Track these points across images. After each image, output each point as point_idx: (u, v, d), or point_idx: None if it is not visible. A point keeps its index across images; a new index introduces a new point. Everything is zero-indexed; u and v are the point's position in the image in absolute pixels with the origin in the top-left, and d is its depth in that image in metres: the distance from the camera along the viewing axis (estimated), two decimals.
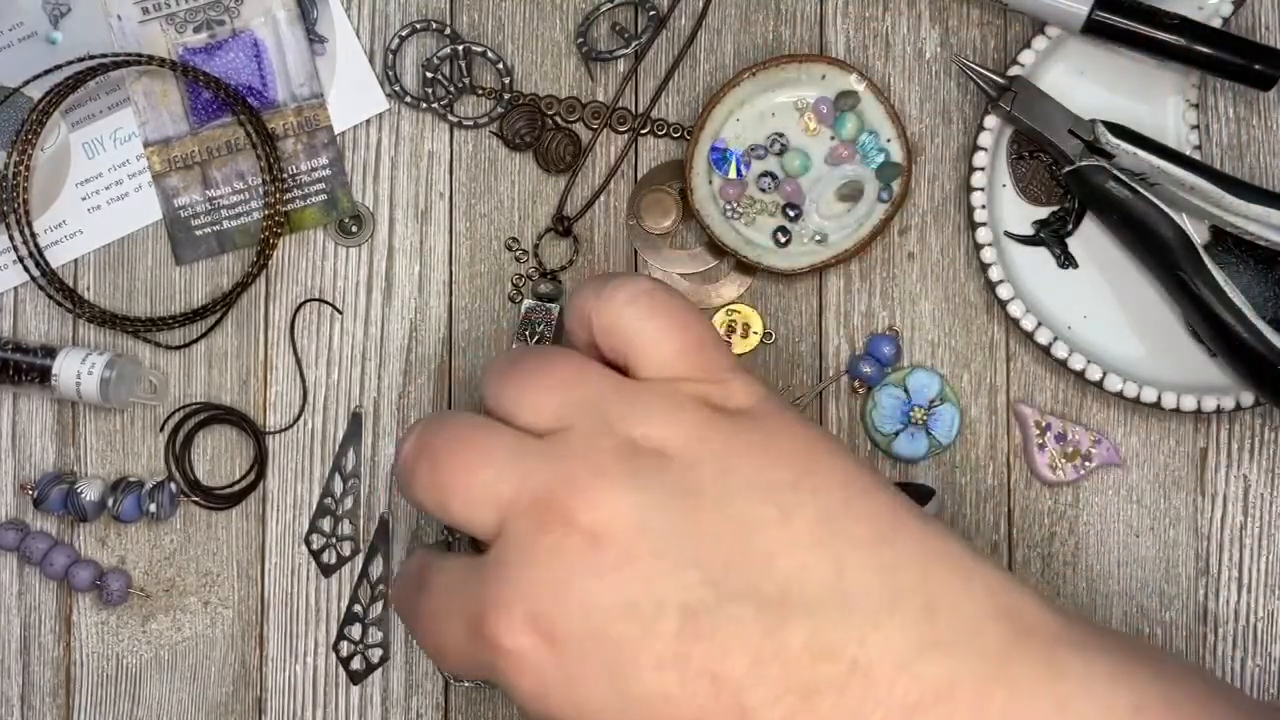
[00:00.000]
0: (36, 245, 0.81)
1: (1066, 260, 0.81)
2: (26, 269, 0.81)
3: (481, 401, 0.61)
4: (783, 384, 0.82)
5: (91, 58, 0.81)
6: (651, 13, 0.82)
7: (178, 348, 0.83)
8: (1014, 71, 0.80)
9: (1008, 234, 0.81)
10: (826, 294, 0.83)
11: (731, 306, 0.82)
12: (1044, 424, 0.81)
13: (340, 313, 0.83)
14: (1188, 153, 0.80)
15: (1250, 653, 0.82)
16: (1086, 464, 0.81)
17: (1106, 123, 0.77)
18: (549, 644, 0.54)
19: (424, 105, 0.82)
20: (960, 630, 0.54)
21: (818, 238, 0.82)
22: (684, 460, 0.56)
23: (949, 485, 0.82)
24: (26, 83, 0.81)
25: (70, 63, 0.81)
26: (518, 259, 0.83)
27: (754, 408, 0.59)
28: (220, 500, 0.82)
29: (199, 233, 0.83)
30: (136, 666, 0.82)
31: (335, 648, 0.82)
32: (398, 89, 0.82)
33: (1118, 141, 0.77)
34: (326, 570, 0.82)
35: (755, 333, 0.82)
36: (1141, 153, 0.77)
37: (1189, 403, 0.79)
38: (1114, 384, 0.79)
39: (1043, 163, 0.82)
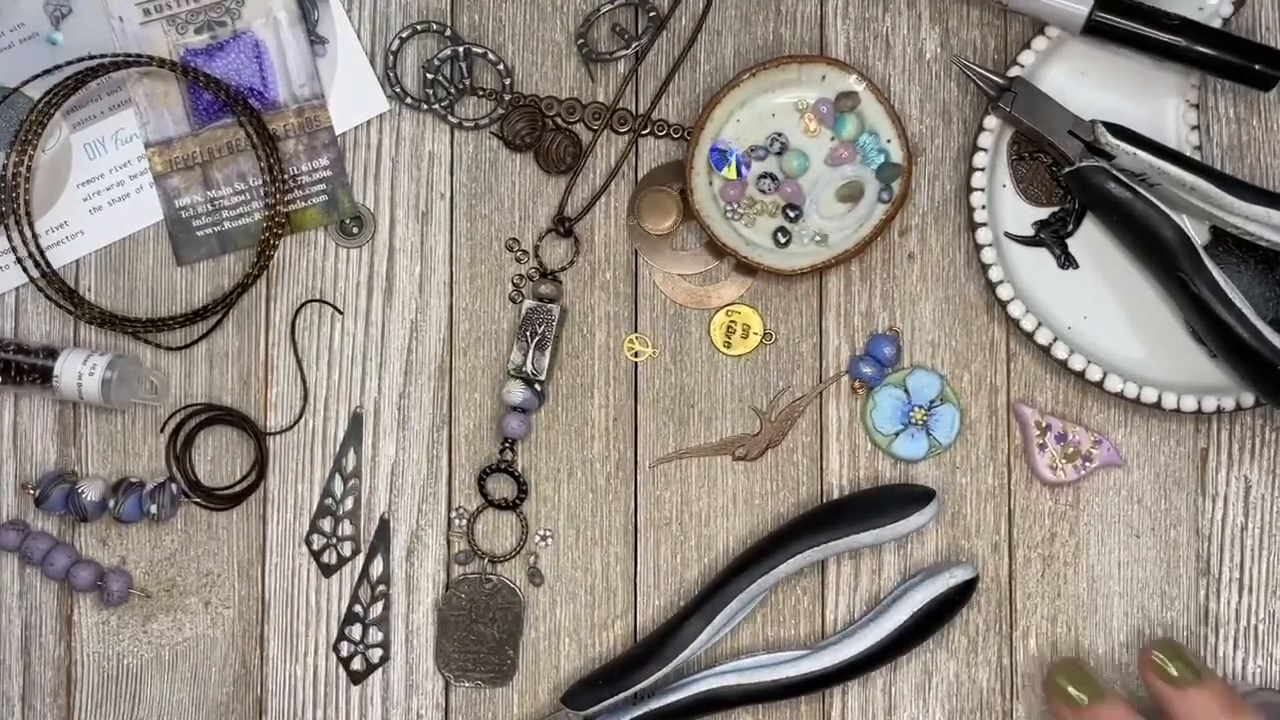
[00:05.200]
0: (38, 246, 0.82)
1: (1067, 261, 0.81)
2: (27, 270, 0.82)
3: None
4: (783, 384, 0.82)
5: (93, 58, 0.81)
6: (651, 14, 0.82)
7: (179, 348, 0.83)
8: (1014, 72, 0.80)
9: (1008, 235, 0.81)
10: (827, 294, 0.83)
11: (732, 307, 0.82)
12: (1044, 424, 0.81)
13: (341, 313, 0.83)
14: (1188, 153, 0.80)
15: (1251, 654, 0.81)
16: (1087, 464, 0.81)
17: (1106, 123, 0.77)
18: None
19: (425, 106, 0.83)
20: None
21: (818, 238, 0.82)
22: None
23: (949, 486, 0.82)
24: (26, 82, 0.81)
25: (71, 63, 0.81)
26: (518, 259, 0.83)
27: None
28: (221, 501, 0.82)
29: (200, 233, 0.83)
30: (137, 666, 0.82)
31: (335, 648, 0.82)
32: (398, 90, 0.82)
33: (1118, 142, 0.77)
34: (327, 570, 0.82)
35: (755, 333, 0.82)
36: (1141, 153, 0.77)
37: (1189, 403, 0.79)
38: (1114, 384, 0.79)
39: (1043, 163, 0.82)
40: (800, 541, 0.79)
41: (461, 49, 0.82)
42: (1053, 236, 0.81)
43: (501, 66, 0.82)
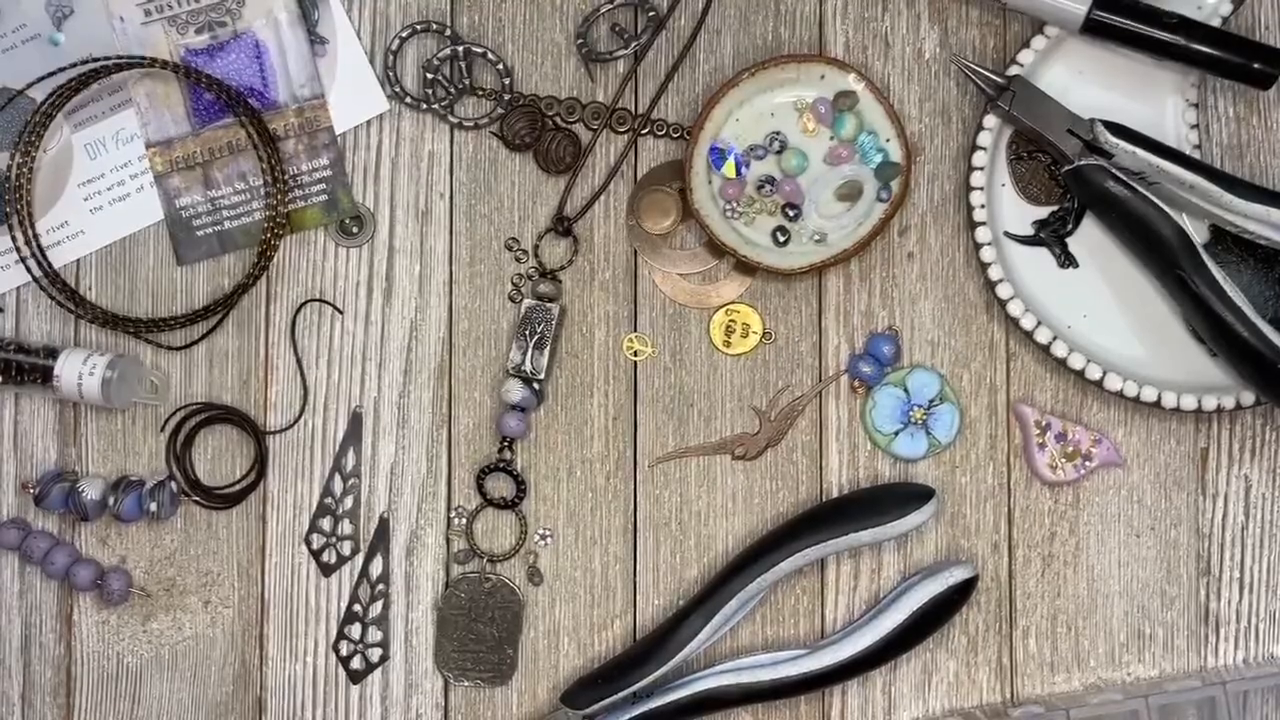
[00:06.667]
0: (39, 246, 0.82)
1: (1066, 260, 0.81)
2: (29, 270, 0.82)
3: None
4: (783, 383, 0.82)
5: (95, 60, 0.81)
6: (651, 14, 0.82)
7: (179, 348, 0.83)
8: (1013, 71, 0.80)
9: (1007, 234, 0.81)
10: (826, 293, 0.83)
11: (731, 306, 0.82)
12: (1044, 423, 0.81)
13: (341, 313, 0.83)
14: (1187, 152, 0.80)
15: (1252, 653, 0.81)
16: (1087, 464, 0.81)
17: (1106, 122, 0.77)
18: None
19: (424, 106, 0.83)
20: None
21: (817, 237, 0.82)
22: None
23: (949, 485, 0.82)
24: (30, 85, 0.82)
25: (74, 65, 0.81)
26: (517, 259, 0.83)
27: None
28: (220, 500, 0.82)
29: (200, 233, 0.83)
30: (137, 666, 0.82)
31: (335, 647, 0.82)
32: (398, 90, 0.83)
33: (1117, 141, 0.77)
34: (326, 570, 0.82)
35: (755, 332, 0.82)
36: (1141, 151, 0.76)
37: (1189, 402, 0.79)
38: (1114, 383, 0.79)
39: (1042, 163, 0.81)
40: (799, 540, 0.79)
41: (461, 49, 0.82)
42: (1052, 235, 0.81)
43: (501, 66, 0.82)
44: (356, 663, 0.82)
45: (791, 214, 0.81)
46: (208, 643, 0.82)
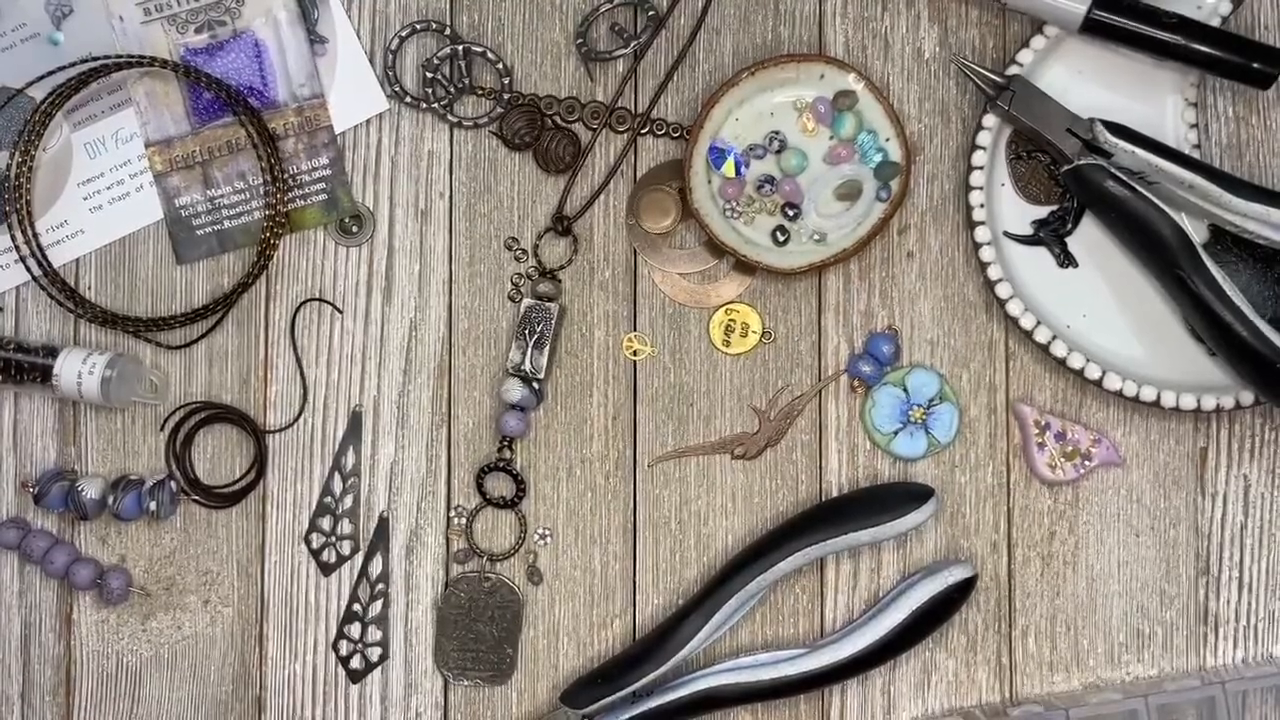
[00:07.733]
0: (38, 245, 0.82)
1: (1066, 259, 0.81)
2: (28, 269, 0.82)
3: None
4: (782, 382, 0.82)
5: (94, 59, 0.81)
6: (650, 13, 0.82)
7: (178, 347, 0.83)
8: (1013, 71, 0.80)
9: (1007, 233, 0.81)
10: (826, 293, 0.83)
11: (731, 305, 0.82)
12: (1043, 423, 0.81)
13: (340, 312, 0.83)
14: (1186, 152, 0.80)
15: (1251, 653, 0.81)
16: (1086, 463, 0.81)
17: (1105, 121, 0.77)
18: None
19: (424, 105, 0.83)
20: None
21: (816, 237, 0.82)
22: None
23: (948, 484, 0.82)
24: (30, 84, 0.82)
25: (73, 64, 0.81)
26: (517, 258, 0.83)
27: None
28: (220, 499, 0.82)
29: (200, 232, 0.83)
30: (136, 665, 0.82)
31: (335, 646, 0.82)
32: (398, 89, 0.83)
33: (1116, 140, 0.77)
34: (326, 569, 0.82)
35: (754, 332, 0.82)
36: (1140, 151, 0.77)
37: (1188, 401, 0.79)
38: (1113, 383, 0.79)
39: (1042, 162, 0.82)
40: (799, 540, 0.79)
41: (461, 48, 0.82)
42: (1051, 235, 0.81)
43: (500, 66, 0.82)
44: (356, 662, 0.82)
45: (791, 214, 0.82)
46: (207, 642, 0.82)
